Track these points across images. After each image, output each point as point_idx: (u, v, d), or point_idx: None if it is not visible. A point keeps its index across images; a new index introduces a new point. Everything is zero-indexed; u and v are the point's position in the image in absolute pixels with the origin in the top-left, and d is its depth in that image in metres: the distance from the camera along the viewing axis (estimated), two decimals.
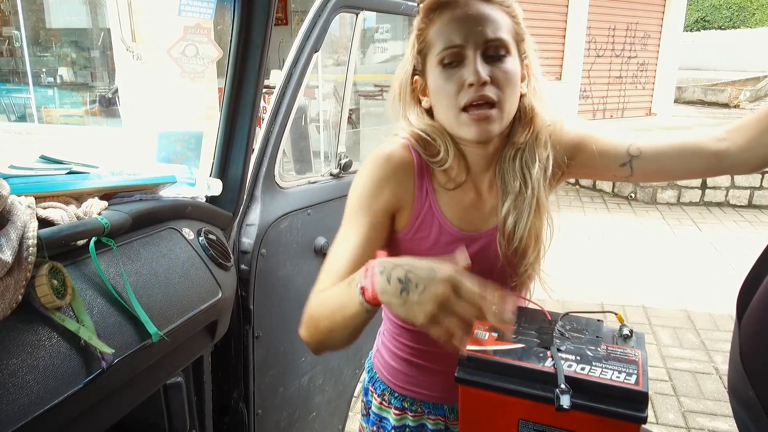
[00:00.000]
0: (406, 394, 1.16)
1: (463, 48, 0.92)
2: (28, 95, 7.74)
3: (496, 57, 0.93)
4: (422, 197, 1.01)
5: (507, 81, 0.93)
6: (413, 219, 1.01)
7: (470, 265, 0.78)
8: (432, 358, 1.11)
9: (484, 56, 0.92)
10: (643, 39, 11.16)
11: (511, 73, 0.93)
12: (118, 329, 0.95)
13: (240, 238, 1.51)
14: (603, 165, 1.05)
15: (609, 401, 0.81)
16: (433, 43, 0.95)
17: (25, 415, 0.77)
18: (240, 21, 1.30)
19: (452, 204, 1.02)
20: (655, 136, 1.01)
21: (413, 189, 1.00)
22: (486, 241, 1.02)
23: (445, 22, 0.94)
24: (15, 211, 0.82)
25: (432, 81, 0.97)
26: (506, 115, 0.95)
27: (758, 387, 0.82)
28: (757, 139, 0.93)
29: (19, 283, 0.79)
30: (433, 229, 1.01)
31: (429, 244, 1.01)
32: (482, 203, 1.04)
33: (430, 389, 1.13)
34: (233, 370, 1.55)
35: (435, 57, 0.95)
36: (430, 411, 1.15)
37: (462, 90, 0.92)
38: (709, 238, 5.33)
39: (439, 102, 0.97)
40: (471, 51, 0.92)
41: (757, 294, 0.87)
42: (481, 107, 0.92)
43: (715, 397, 2.80)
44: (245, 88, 1.37)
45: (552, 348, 0.87)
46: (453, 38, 0.92)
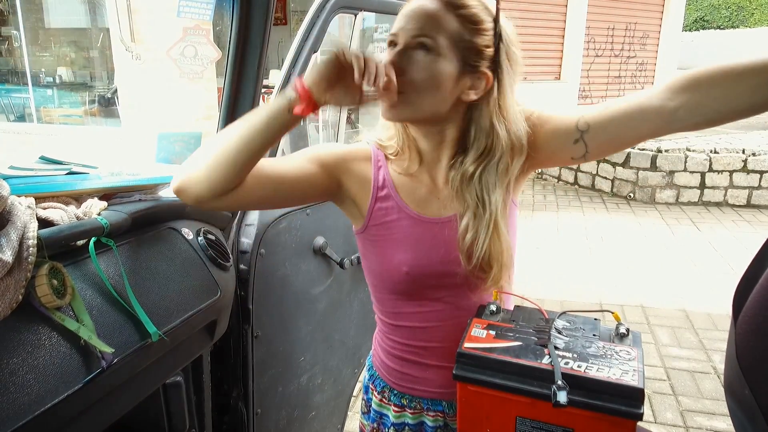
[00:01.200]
0: (404, 392, 1.17)
1: (396, 37, 0.96)
2: (27, 95, 7.74)
3: (420, 53, 0.94)
4: (378, 180, 1.05)
5: (420, 77, 0.94)
6: (371, 200, 1.05)
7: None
8: (425, 353, 1.12)
9: (410, 48, 0.95)
10: (642, 39, 11.17)
11: (428, 71, 0.94)
12: (118, 329, 0.96)
13: (239, 238, 1.51)
14: (558, 146, 1.00)
15: (605, 398, 0.82)
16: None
17: (26, 414, 0.78)
18: (239, 20, 1.31)
19: (409, 190, 1.05)
20: (599, 107, 0.95)
21: (370, 176, 1.05)
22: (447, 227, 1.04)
23: (398, 15, 0.99)
24: (15, 212, 0.83)
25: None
26: (415, 108, 0.97)
27: (754, 385, 0.83)
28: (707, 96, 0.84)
29: (19, 283, 0.80)
30: (392, 210, 1.05)
31: (389, 225, 1.05)
32: (438, 191, 1.06)
33: (427, 385, 1.14)
34: (232, 370, 1.55)
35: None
36: (429, 407, 1.16)
37: None
38: (708, 238, 5.33)
39: None
40: (401, 41, 0.95)
41: (753, 293, 0.87)
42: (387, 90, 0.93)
43: (714, 397, 2.81)
44: (244, 88, 1.37)
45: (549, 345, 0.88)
46: (395, 27, 0.97)
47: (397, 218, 1.05)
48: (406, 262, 1.04)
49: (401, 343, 1.14)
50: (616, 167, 6.81)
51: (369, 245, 1.09)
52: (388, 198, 1.05)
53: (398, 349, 1.15)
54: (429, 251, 1.04)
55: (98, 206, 1.04)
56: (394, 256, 1.05)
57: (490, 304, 1.02)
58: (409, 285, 1.06)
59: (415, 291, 1.07)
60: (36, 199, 0.94)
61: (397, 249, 1.05)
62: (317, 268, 1.74)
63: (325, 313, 1.80)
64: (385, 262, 1.07)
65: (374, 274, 1.12)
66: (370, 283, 1.15)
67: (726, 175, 6.40)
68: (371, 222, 1.06)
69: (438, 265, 1.04)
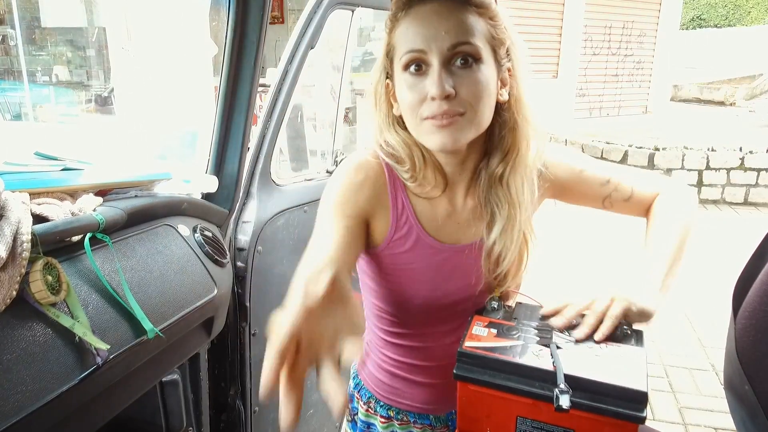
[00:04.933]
0: (391, 404, 1.14)
1: (425, 54, 0.84)
2: (23, 94, 7.70)
3: (463, 65, 0.84)
4: (397, 207, 0.95)
5: (476, 92, 0.85)
6: (391, 230, 0.95)
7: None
8: (417, 371, 1.09)
9: (449, 63, 0.84)
10: (639, 37, 11.17)
11: (481, 83, 0.85)
12: (114, 325, 0.95)
13: (236, 235, 1.50)
14: (582, 202, 1.09)
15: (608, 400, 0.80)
16: (397, 45, 0.88)
17: (20, 411, 0.77)
18: (235, 17, 1.30)
19: (429, 216, 0.97)
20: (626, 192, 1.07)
21: (387, 199, 0.95)
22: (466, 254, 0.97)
23: (409, 24, 0.86)
24: (9, 207, 0.82)
25: (397, 87, 0.90)
26: (476, 125, 0.87)
27: (754, 381, 0.82)
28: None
29: (13, 279, 0.79)
30: (411, 238, 0.96)
31: (408, 255, 0.97)
32: (457, 214, 0.98)
33: (414, 400, 1.11)
34: (230, 367, 1.55)
35: (399, 61, 0.87)
36: (416, 420, 1.14)
37: (425, 102, 0.85)
38: (706, 236, 5.34)
39: (403, 111, 0.90)
40: (435, 58, 0.83)
41: (753, 288, 0.87)
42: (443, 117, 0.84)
43: (712, 394, 2.81)
44: (241, 85, 1.37)
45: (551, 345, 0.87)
46: (415, 42, 0.84)
47: (415, 247, 0.96)
48: (421, 294, 0.99)
49: (395, 359, 1.10)
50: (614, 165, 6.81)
51: (380, 272, 1.01)
52: (407, 225, 0.96)
53: (390, 364, 1.10)
54: (446, 281, 0.99)
55: (93, 202, 1.03)
56: (409, 287, 0.99)
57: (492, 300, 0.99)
58: (419, 314, 1.02)
59: (424, 318, 1.03)
60: (30, 195, 0.93)
61: (412, 280, 0.99)
62: None
63: None
64: (398, 293, 1.01)
65: (381, 299, 1.05)
66: (373, 303, 1.08)
67: (723, 173, 6.41)
68: (387, 251, 0.97)
69: (453, 294, 0.99)
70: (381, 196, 0.95)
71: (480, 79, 0.85)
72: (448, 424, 1.14)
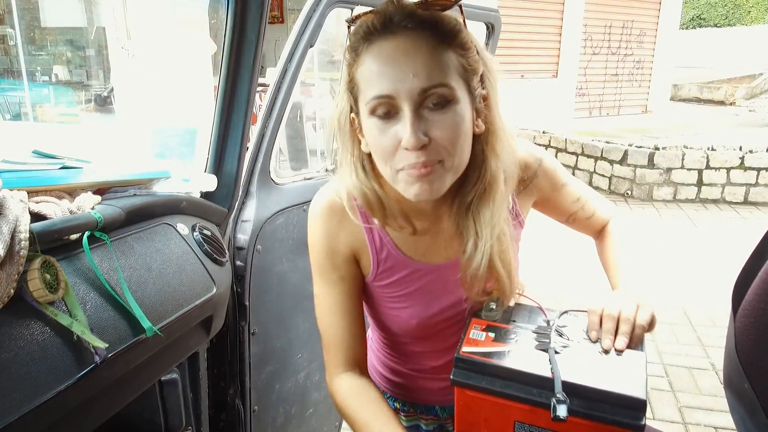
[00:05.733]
0: (396, 397, 1.16)
1: (394, 99, 0.77)
2: (23, 94, 7.70)
3: (437, 108, 0.78)
4: (375, 243, 0.95)
5: (453, 137, 0.79)
6: (374, 266, 0.96)
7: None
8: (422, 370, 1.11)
9: (421, 107, 0.78)
10: (639, 36, 11.18)
11: (458, 126, 0.79)
12: (112, 324, 0.95)
13: (235, 234, 1.50)
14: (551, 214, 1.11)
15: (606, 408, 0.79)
16: (360, 86, 0.81)
17: (18, 409, 0.76)
18: (234, 16, 1.30)
19: (410, 243, 0.96)
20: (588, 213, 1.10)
21: (362, 233, 0.95)
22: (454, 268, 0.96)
23: (372, 62, 0.79)
24: (7, 205, 0.81)
25: (366, 130, 0.84)
26: (456, 170, 0.83)
27: (753, 379, 0.82)
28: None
29: (11, 277, 0.79)
30: (396, 269, 0.97)
31: (396, 284, 0.98)
32: (439, 234, 0.97)
33: (421, 394, 1.13)
34: (229, 367, 1.54)
35: (365, 105, 0.81)
36: (423, 412, 1.15)
37: (398, 150, 0.79)
38: (705, 235, 5.34)
39: (375, 155, 0.84)
40: (405, 104, 0.77)
41: (752, 287, 0.87)
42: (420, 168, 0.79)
43: (712, 393, 2.81)
44: (240, 84, 1.36)
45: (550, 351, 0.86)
46: (382, 86, 0.77)
47: (402, 275, 0.97)
48: (415, 315, 1.00)
49: (398, 359, 1.12)
50: (613, 165, 6.81)
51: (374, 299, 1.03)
52: (390, 258, 0.96)
53: (394, 361, 1.13)
54: (438, 297, 0.99)
55: (92, 200, 1.02)
56: (403, 311, 1.00)
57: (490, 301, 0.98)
58: (417, 332, 1.03)
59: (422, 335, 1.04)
60: (29, 193, 0.92)
61: (405, 304, 1.00)
62: None
63: None
64: (393, 317, 1.03)
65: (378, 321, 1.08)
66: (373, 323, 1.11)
67: (723, 173, 6.40)
68: (376, 282, 0.99)
69: (448, 309, 1.00)
70: (358, 236, 0.95)
71: (456, 121, 0.79)
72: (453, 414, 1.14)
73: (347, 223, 0.94)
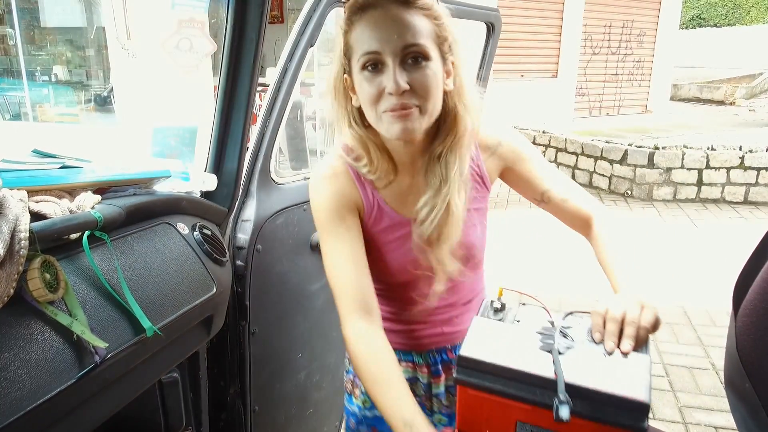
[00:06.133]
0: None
1: (380, 54, 0.95)
2: (22, 93, 7.69)
3: (415, 63, 0.96)
4: (368, 197, 1.12)
5: (427, 86, 0.96)
6: (367, 215, 1.13)
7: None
8: (396, 319, 1.22)
9: (403, 62, 0.95)
10: (638, 36, 11.18)
11: (430, 78, 0.97)
12: (112, 324, 0.95)
13: (235, 233, 1.50)
14: (523, 190, 1.19)
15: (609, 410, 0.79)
16: (354, 47, 0.99)
17: (18, 409, 0.76)
18: (234, 15, 1.29)
19: (395, 196, 1.13)
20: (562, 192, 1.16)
21: (359, 192, 1.11)
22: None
23: (363, 28, 0.97)
24: (7, 204, 0.81)
25: (357, 84, 1.01)
26: (428, 116, 0.99)
27: (755, 379, 0.82)
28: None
29: (11, 277, 0.79)
30: (383, 218, 1.13)
31: (384, 232, 1.13)
32: (418, 188, 1.11)
33: (398, 337, 1.22)
34: (229, 367, 1.54)
35: (357, 62, 0.98)
36: (400, 358, 1.22)
37: (382, 96, 0.96)
38: (705, 235, 5.34)
39: (363, 104, 1.01)
40: (389, 58, 0.95)
41: (754, 285, 0.86)
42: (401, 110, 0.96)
43: (712, 393, 2.81)
44: (240, 83, 1.36)
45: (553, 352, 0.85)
46: (371, 44, 0.95)
47: (388, 224, 1.13)
48: (398, 258, 1.14)
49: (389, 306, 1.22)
50: (613, 164, 6.81)
51: (370, 245, 1.15)
52: (378, 209, 1.13)
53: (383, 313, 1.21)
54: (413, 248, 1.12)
55: (92, 200, 1.02)
56: (390, 254, 1.14)
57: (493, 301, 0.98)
58: (403, 276, 1.16)
59: (406, 279, 1.17)
60: (28, 193, 0.92)
61: (391, 248, 1.14)
62: (315, 265, 1.73)
63: (322, 309, 1.79)
64: (384, 261, 1.15)
65: (374, 268, 1.16)
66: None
67: (723, 172, 6.40)
68: (368, 228, 1.14)
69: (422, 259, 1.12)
70: (353, 194, 1.11)
71: (429, 74, 0.96)
72: (428, 363, 1.24)
73: (346, 182, 1.11)
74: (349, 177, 1.11)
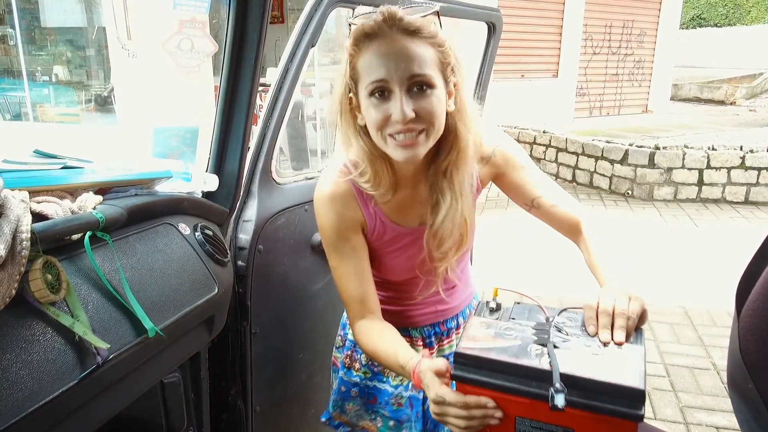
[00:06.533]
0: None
1: (388, 83, 1.00)
2: (23, 93, 7.69)
3: (420, 91, 1.01)
4: (370, 213, 1.19)
5: (431, 112, 1.02)
6: (370, 229, 1.20)
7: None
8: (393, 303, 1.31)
9: (409, 90, 1.00)
10: (639, 36, 11.17)
11: (435, 105, 1.02)
12: (114, 324, 0.95)
13: (237, 234, 1.50)
14: (514, 195, 1.25)
15: (605, 399, 0.80)
16: (361, 73, 1.03)
17: (20, 410, 0.76)
18: (236, 15, 1.29)
19: (395, 207, 1.20)
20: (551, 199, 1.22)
21: (361, 211, 1.18)
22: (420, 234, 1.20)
23: (372, 55, 1.01)
24: (8, 205, 0.81)
25: (363, 108, 1.06)
26: (432, 138, 1.05)
27: (758, 380, 0.82)
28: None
29: (12, 278, 0.78)
30: (385, 232, 1.20)
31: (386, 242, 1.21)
32: (418, 199, 1.19)
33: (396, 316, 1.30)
34: (231, 367, 1.54)
35: (365, 88, 1.03)
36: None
37: (389, 122, 1.01)
38: (706, 235, 5.34)
39: (370, 127, 1.06)
40: (396, 86, 0.99)
41: (756, 287, 0.86)
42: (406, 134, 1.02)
43: (713, 393, 2.80)
44: (241, 84, 1.36)
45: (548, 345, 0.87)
46: (379, 73, 0.99)
47: (390, 236, 1.21)
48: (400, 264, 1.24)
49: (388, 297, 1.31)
50: (614, 164, 6.81)
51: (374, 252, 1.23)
52: (380, 224, 1.20)
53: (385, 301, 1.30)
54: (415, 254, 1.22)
55: (93, 200, 1.02)
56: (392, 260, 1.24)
57: (489, 301, 1.01)
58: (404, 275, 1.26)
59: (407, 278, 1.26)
60: (30, 193, 0.92)
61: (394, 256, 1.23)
62: (316, 265, 1.73)
63: (324, 309, 1.79)
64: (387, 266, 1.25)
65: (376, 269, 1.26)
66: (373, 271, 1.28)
67: (724, 172, 6.40)
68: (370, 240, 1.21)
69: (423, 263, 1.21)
70: (356, 214, 1.18)
71: (434, 101, 1.02)
72: (423, 336, 1.34)
73: (349, 201, 1.17)
74: (352, 195, 1.17)
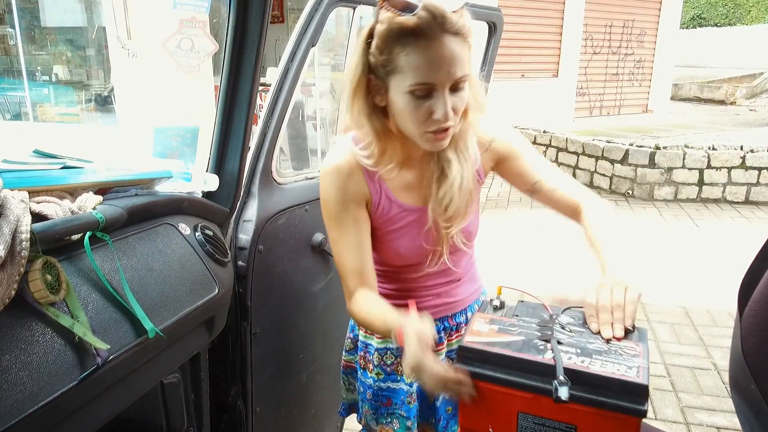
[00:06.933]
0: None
1: (434, 86, 1.02)
2: (23, 93, 7.69)
3: (458, 89, 1.04)
4: (376, 188, 1.19)
5: (462, 107, 1.07)
6: (375, 205, 1.21)
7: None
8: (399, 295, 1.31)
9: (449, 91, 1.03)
10: (639, 36, 11.17)
11: (465, 99, 1.07)
12: (114, 325, 0.94)
13: (237, 234, 1.50)
14: (515, 181, 1.27)
15: (608, 394, 0.80)
16: (403, 70, 1.02)
17: (19, 412, 0.76)
18: (236, 15, 1.29)
19: (401, 185, 1.21)
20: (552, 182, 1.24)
21: (366, 185, 1.18)
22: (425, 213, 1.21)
23: (420, 56, 1.00)
24: (8, 205, 0.81)
25: (398, 102, 1.06)
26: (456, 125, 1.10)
27: (760, 380, 0.82)
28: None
29: (12, 278, 0.78)
30: (390, 208, 1.21)
31: (388, 217, 1.22)
32: (424, 178, 1.21)
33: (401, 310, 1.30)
34: (231, 368, 1.54)
35: (405, 84, 1.03)
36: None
37: (428, 119, 1.04)
38: (707, 235, 5.33)
39: (404, 121, 1.08)
40: (441, 88, 1.02)
41: (758, 287, 0.86)
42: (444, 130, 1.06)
43: (714, 393, 2.80)
44: (241, 83, 1.36)
45: (552, 340, 0.87)
46: (428, 76, 1.01)
47: (394, 213, 1.22)
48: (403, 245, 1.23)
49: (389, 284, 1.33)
50: (614, 164, 6.80)
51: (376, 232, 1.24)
52: (386, 200, 1.20)
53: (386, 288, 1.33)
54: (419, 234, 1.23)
55: (93, 200, 1.02)
56: (395, 241, 1.24)
57: (493, 299, 1.02)
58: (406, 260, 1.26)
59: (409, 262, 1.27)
60: (30, 193, 0.92)
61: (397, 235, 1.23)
62: (316, 265, 1.73)
63: (324, 310, 1.79)
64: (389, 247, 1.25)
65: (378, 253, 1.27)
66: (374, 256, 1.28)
67: (724, 172, 6.40)
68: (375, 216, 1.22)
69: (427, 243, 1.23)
70: (362, 188, 1.19)
71: (465, 96, 1.07)
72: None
73: (354, 174, 1.17)
74: (359, 168, 1.17)
